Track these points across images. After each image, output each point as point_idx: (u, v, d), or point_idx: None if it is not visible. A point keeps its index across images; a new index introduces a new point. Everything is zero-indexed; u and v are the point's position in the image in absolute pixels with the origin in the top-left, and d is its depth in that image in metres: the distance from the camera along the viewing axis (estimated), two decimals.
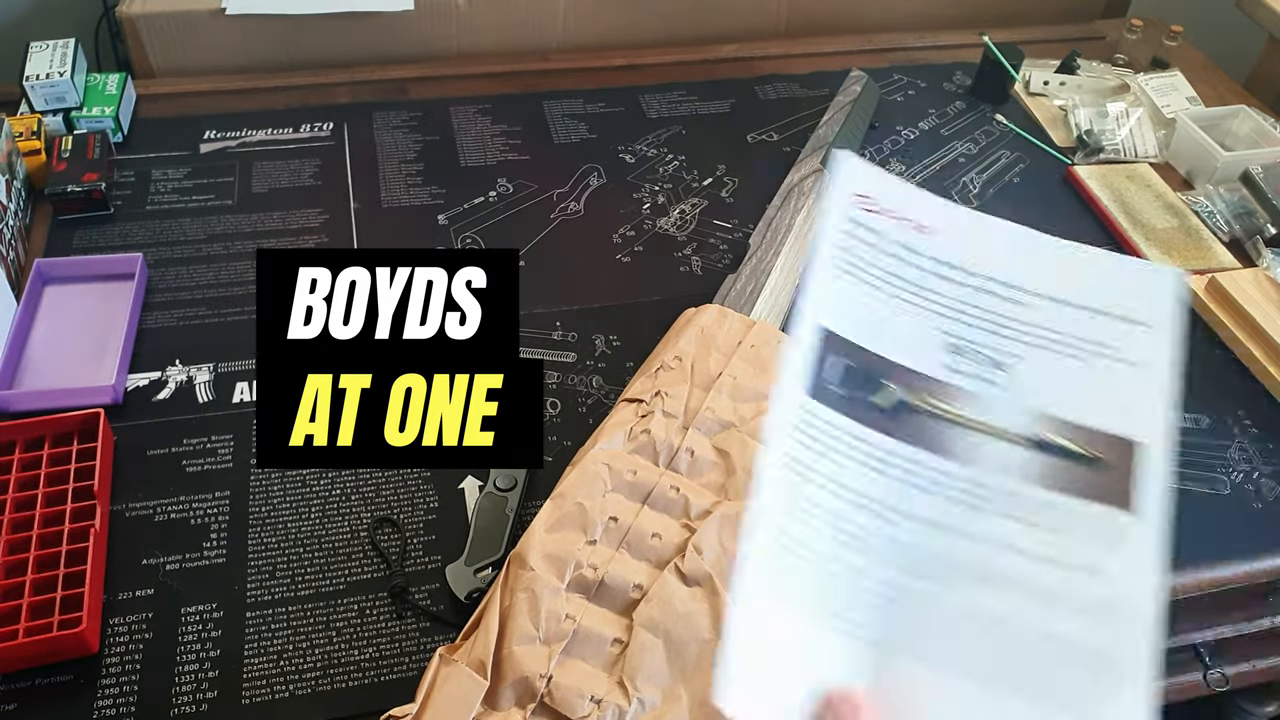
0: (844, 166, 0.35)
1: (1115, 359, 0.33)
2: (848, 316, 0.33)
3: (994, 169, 1.01)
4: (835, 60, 1.14)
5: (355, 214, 0.90)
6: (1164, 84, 1.09)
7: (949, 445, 0.31)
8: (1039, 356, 0.32)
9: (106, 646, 0.59)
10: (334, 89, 1.05)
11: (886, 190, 0.35)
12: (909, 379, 0.32)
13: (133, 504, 0.66)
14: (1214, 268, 0.88)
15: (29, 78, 0.93)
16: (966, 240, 0.34)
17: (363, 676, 0.58)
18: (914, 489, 0.30)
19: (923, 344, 0.33)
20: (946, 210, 0.35)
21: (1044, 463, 0.31)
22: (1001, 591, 0.29)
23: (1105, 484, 0.30)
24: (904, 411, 0.31)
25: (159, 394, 0.73)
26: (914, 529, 0.30)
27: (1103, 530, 0.30)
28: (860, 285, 0.33)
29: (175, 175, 0.93)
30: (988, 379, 0.32)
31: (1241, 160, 0.97)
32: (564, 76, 1.10)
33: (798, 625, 0.29)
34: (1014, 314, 0.33)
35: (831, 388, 0.32)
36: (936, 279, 0.34)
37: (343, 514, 0.66)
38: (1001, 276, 0.34)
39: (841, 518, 0.30)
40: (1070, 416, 0.31)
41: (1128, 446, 0.31)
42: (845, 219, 0.34)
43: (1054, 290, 0.34)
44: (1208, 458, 0.74)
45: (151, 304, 0.80)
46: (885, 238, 0.34)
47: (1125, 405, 0.32)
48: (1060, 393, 0.32)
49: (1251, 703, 1.09)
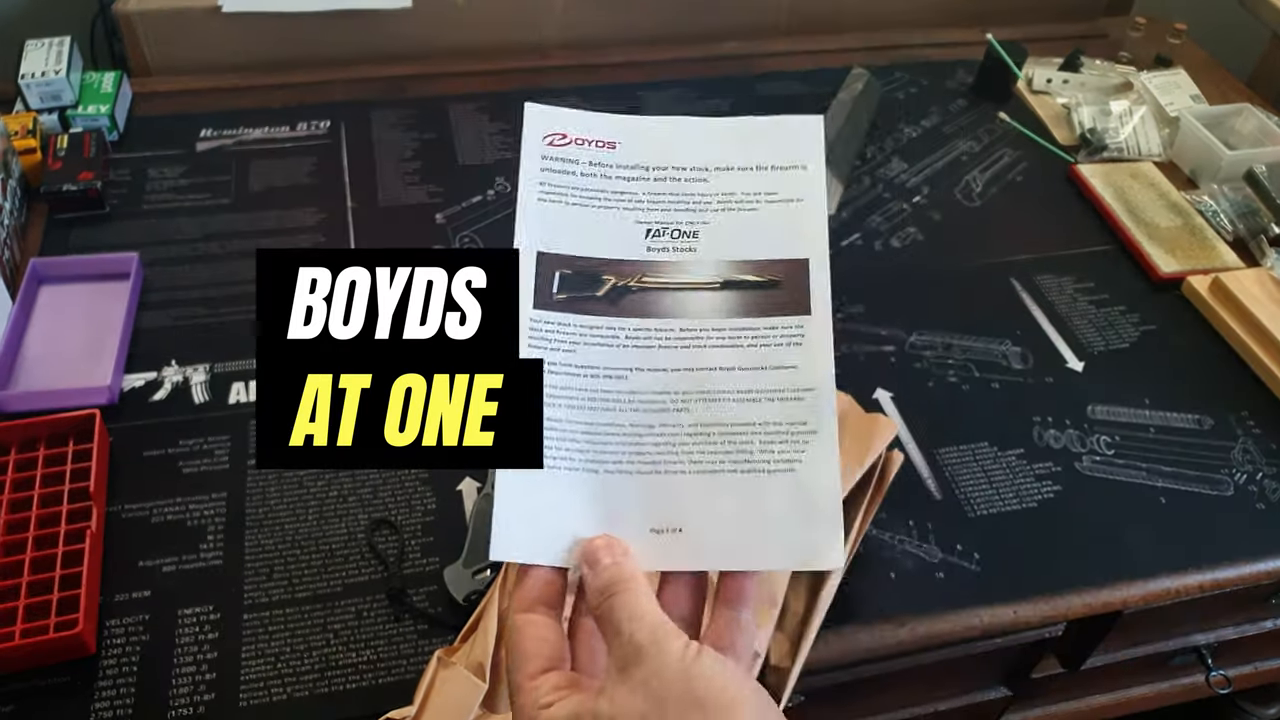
0: (533, 118, 0.41)
1: (782, 200, 0.40)
2: (557, 236, 0.39)
3: (997, 167, 1.00)
4: (837, 58, 1.13)
5: (352, 213, 0.90)
6: (1167, 82, 1.09)
7: (662, 308, 0.38)
8: (722, 218, 0.40)
9: (103, 648, 0.58)
10: (331, 87, 1.04)
11: (575, 123, 0.41)
12: (619, 268, 0.39)
13: (129, 505, 0.65)
14: (1218, 267, 0.88)
15: (24, 76, 0.92)
16: (650, 143, 0.41)
17: (360, 679, 0.58)
18: (639, 348, 0.38)
19: (626, 237, 0.39)
20: (628, 122, 0.41)
21: (737, 297, 0.39)
22: (724, 402, 0.37)
23: (786, 299, 0.39)
24: (620, 294, 0.39)
25: (155, 394, 0.73)
26: (645, 377, 0.38)
27: (790, 334, 0.38)
28: (565, 208, 0.40)
29: (171, 174, 0.92)
30: (684, 248, 0.39)
31: (1245, 159, 0.96)
32: (562, 74, 1.09)
33: (563, 479, 0.36)
34: (698, 190, 0.40)
35: (556, 296, 0.39)
36: (628, 182, 0.40)
37: (340, 515, 0.66)
38: (682, 163, 0.41)
39: (585, 389, 0.37)
40: (751, 256, 0.39)
41: (800, 265, 0.39)
42: (540, 159, 0.40)
43: (728, 161, 0.41)
44: (1211, 458, 0.74)
45: (147, 304, 0.80)
46: (579, 162, 0.41)
47: (793, 234, 0.40)
48: (742, 240, 0.39)
49: (1254, 704, 1.09)
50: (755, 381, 0.38)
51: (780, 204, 0.40)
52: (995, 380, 0.78)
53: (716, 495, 0.36)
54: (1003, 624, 0.64)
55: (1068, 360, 0.80)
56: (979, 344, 0.81)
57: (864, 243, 0.90)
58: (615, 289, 0.39)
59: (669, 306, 0.38)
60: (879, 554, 0.66)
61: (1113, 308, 0.85)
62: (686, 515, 0.36)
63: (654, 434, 0.37)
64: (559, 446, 0.37)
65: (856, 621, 0.62)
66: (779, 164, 0.41)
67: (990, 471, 0.72)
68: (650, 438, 0.37)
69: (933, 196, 0.96)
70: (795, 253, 0.39)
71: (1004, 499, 0.70)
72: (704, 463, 0.37)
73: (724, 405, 0.37)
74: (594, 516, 0.36)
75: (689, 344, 0.38)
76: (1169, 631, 0.83)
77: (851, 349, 0.80)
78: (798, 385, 0.38)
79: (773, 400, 0.37)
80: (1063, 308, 0.85)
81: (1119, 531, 0.68)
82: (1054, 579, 0.65)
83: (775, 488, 0.36)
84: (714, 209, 0.40)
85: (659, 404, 0.37)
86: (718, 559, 0.36)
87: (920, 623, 0.63)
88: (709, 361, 0.38)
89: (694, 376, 0.38)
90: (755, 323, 0.38)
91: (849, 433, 0.63)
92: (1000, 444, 0.73)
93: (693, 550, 0.36)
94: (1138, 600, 0.66)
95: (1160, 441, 0.75)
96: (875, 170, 0.99)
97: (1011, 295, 0.86)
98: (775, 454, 0.37)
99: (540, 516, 0.36)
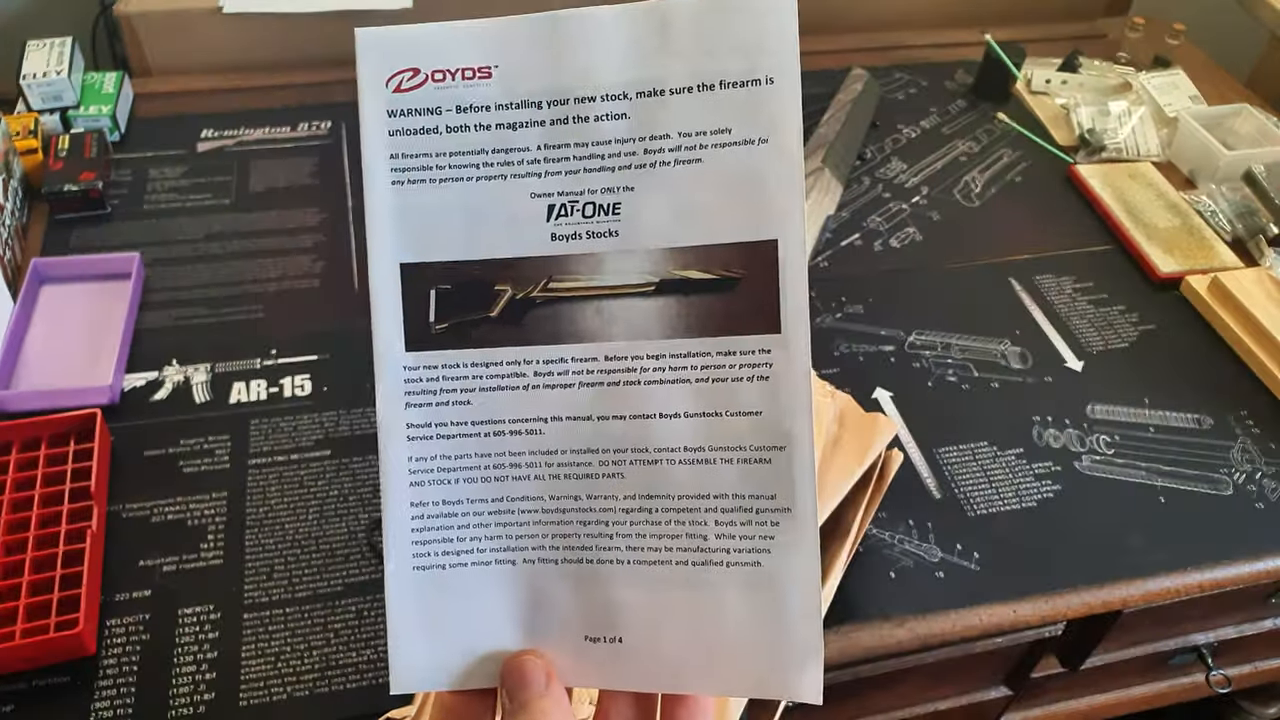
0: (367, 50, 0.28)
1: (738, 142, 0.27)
2: (426, 236, 0.28)
3: (996, 168, 1.00)
4: (836, 58, 1.13)
5: (353, 212, 0.90)
6: (1166, 82, 1.09)
7: (579, 327, 0.28)
8: (652, 178, 0.27)
9: (104, 648, 0.58)
10: (331, 87, 1.04)
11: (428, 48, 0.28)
12: (517, 271, 0.27)
13: (129, 505, 0.66)
14: (1216, 267, 0.88)
15: (26, 76, 0.92)
16: (538, 60, 0.27)
17: (360, 679, 0.58)
18: (552, 390, 0.28)
19: (522, 221, 0.28)
20: (505, 30, 0.28)
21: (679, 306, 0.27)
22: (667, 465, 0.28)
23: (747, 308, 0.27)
24: (521, 309, 0.28)
25: (156, 394, 0.73)
26: (564, 430, 0.28)
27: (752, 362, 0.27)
28: (431, 188, 0.28)
29: (172, 174, 0.92)
30: (603, 232, 0.27)
31: (1244, 159, 0.96)
32: None
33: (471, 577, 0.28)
34: (615, 133, 0.27)
35: (433, 328, 0.28)
36: (513, 131, 0.28)
37: (340, 515, 0.66)
38: (589, 90, 0.27)
39: (489, 454, 0.28)
40: (696, 239, 0.27)
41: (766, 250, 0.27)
42: (384, 115, 0.28)
43: (656, 80, 0.27)
44: (1210, 458, 0.74)
45: (148, 304, 0.80)
46: (440, 111, 0.28)
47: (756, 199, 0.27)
48: (682, 215, 0.27)
49: (1254, 704, 1.09)
50: (708, 434, 0.27)
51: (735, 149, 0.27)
52: (995, 380, 0.78)
53: (662, 595, 0.28)
54: (1002, 624, 0.64)
55: (1067, 360, 0.81)
56: (978, 344, 0.81)
57: (863, 243, 0.91)
58: (514, 303, 0.28)
59: (589, 323, 0.28)
60: (879, 554, 0.66)
61: (1112, 307, 0.85)
62: (626, 620, 0.28)
63: (581, 509, 0.28)
64: (462, 536, 0.28)
65: (856, 621, 0.62)
66: (731, 77, 0.27)
67: (990, 471, 0.72)
68: (576, 514, 0.28)
69: (932, 197, 0.96)
70: (758, 231, 0.27)
71: (1004, 498, 0.70)
72: (644, 550, 0.28)
73: (668, 470, 0.28)
74: (514, 622, 0.28)
75: (618, 380, 0.28)
76: (1169, 631, 0.83)
77: (851, 349, 0.80)
78: (763, 441, 0.27)
79: (730, 462, 0.27)
80: (1062, 307, 0.85)
81: (1119, 531, 0.68)
82: (1054, 578, 0.66)
83: (736, 589, 0.27)
84: (640, 164, 0.27)
85: (584, 467, 0.28)
86: (666, 679, 0.28)
87: (920, 622, 0.63)
88: (646, 405, 0.27)
89: (627, 428, 0.28)
90: (705, 345, 0.27)
91: (849, 432, 0.63)
92: (1000, 443, 0.74)
93: (635, 667, 0.28)
94: (1138, 600, 0.66)
95: (1159, 441, 0.75)
96: (875, 170, 0.99)
97: (1011, 295, 0.86)
98: (735, 541, 0.27)
99: (445, 629, 0.28)
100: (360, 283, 0.83)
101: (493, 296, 0.28)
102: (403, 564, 0.28)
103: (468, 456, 0.28)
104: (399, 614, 0.28)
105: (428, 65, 0.28)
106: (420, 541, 0.28)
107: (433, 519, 0.28)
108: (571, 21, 0.27)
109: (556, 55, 0.27)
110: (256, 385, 0.74)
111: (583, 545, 0.28)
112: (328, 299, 0.82)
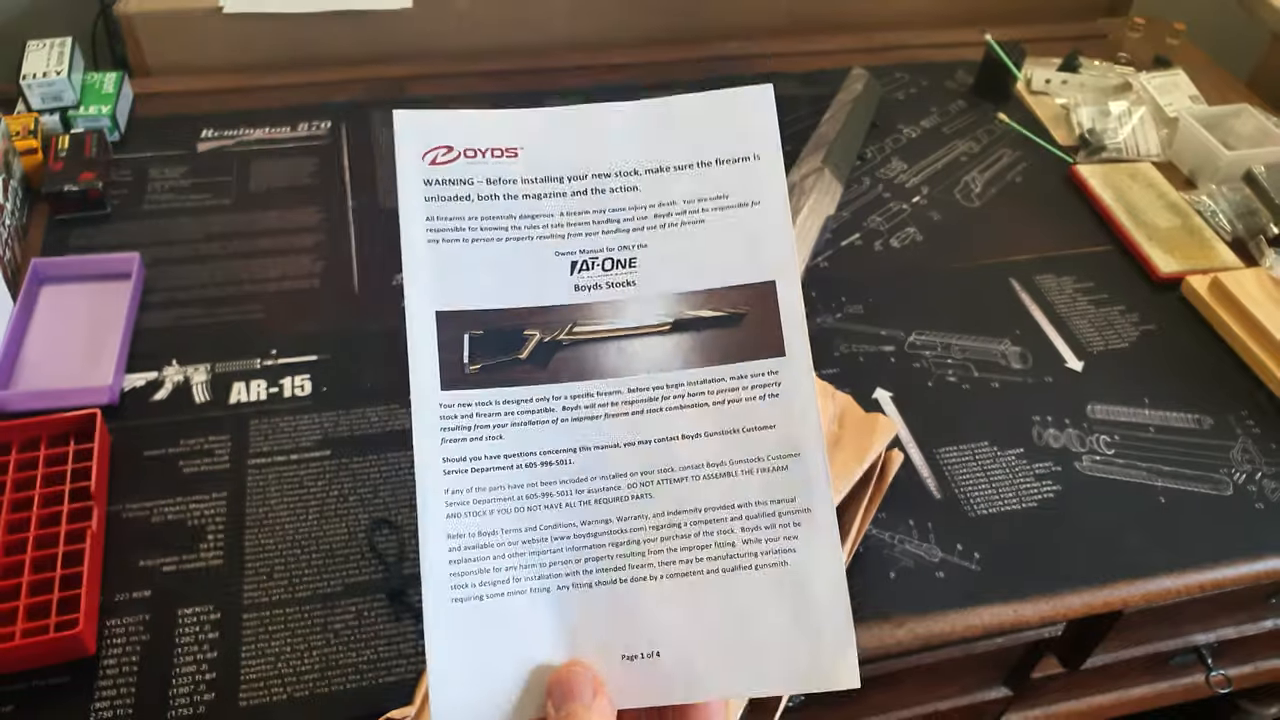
0: (405, 129, 0.32)
1: (734, 206, 0.32)
2: (460, 287, 0.31)
3: (996, 168, 1.00)
4: (836, 58, 1.13)
5: (353, 213, 0.90)
6: (1166, 82, 1.09)
7: (603, 365, 0.31)
8: (663, 237, 0.32)
9: (103, 648, 0.58)
10: (332, 87, 1.04)
11: (460, 129, 0.32)
12: (544, 317, 0.31)
13: (129, 505, 0.66)
14: (1217, 267, 0.88)
15: (25, 76, 0.92)
16: (560, 143, 0.32)
17: (360, 679, 0.58)
18: (579, 422, 0.30)
19: (547, 276, 0.31)
20: (529, 118, 0.32)
21: (693, 341, 0.31)
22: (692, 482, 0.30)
23: (754, 338, 0.31)
24: (548, 351, 0.31)
25: (156, 394, 0.73)
26: (593, 459, 0.30)
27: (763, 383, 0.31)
28: (463, 246, 0.31)
29: (172, 174, 0.92)
30: (620, 282, 0.31)
31: (1244, 159, 0.96)
32: (563, 74, 1.09)
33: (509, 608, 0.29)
34: (628, 202, 0.32)
35: (466, 369, 0.30)
36: (539, 200, 0.32)
37: (340, 515, 0.66)
38: (604, 168, 0.32)
39: (522, 485, 0.30)
40: (705, 284, 0.31)
41: (765, 290, 0.31)
42: (421, 184, 0.32)
43: (661, 159, 0.33)
44: (1210, 458, 0.74)
45: (148, 304, 0.80)
46: (473, 182, 0.32)
47: (753, 249, 0.32)
48: (691, 265, 0.32)
49: (1254, 704, 1.09)
50: (728, 450, 0.30)
51: (733, 211, 0.32)
52: (995, 380, 0.78)
53: (697, 606, 0.29)
54: (1003, 624, 0.64)
55: (1067, 360, 0.81)
56: (978, 344, 0.81)
57: (864, 243, 0.90)
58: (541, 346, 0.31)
59: (611, 362, 0.31)
60: (879, 554, 0.66)
61: (1112, 308, 0.85)
62: (664, 635, 0.29)
63: (612, 532, 0.30)
64: (498, 566, 0.29)
65: (856, 622, 0.62)
66: (725, 156, 0.33)
67: (990, 471, 0.72)
68: (608, 537, 0.30)
69: (932, 197, 0.96)
70: (758, 275, 0.32)
71: (1004, 498, 0.70)
72: (676, 564, 0.30)
73: (693, 486, 0.30)
74: (553, 648, 0.29)
75: (641, 409, 0.30)
76: (1169, 631, 0.83)
77: (851, 349, 0.80)
78: (779, 450, 0.30)
79: (751, 473, 0.30)
80: (1062, 308, 0.85)
81: (1119, 531, 0.68)
82: (1054, 579, 0.66)
83: (767, 589, 0.29)
84: (651, 226, 0.32)
85: (613, 491, 0.30)
86: (708, 688, 0.29)
87: (920, 622, 0.63)
88: (668, 429, 0.30)
89: (652, 451, 0.30)
90: (719, 372, 0.31)
91: (849, 432, 0.63)
92: (1000, 444, 0.73)
93: (676, 679, 0.29)
94: (1138, 600, 0.66)
95: (1160, 441, 0.75)
96: (875, 170, 0.99)
97: (1011, 295, 0.86)
98: (763, 545, 0.30)
99: (485, 660, 0.29)
100: (360, 283, 0.83)
101: (522, 340, 0.31)
102: (441, 597, 0.29)
103: (501, 489, 0.30)
104: (439, 648, 0.29)
105: (460, 144, 0.32)
106: (457, 574, 0.29)
107: (469, 550, 0.30)
108: (591, 114, 0.33)
109: (576, 140, 0.33)
110: (256, 385, 0.74)
111: (616, 566, 0.30)
112: (328, 299, 0.81)
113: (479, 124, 0.32)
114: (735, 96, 0.34)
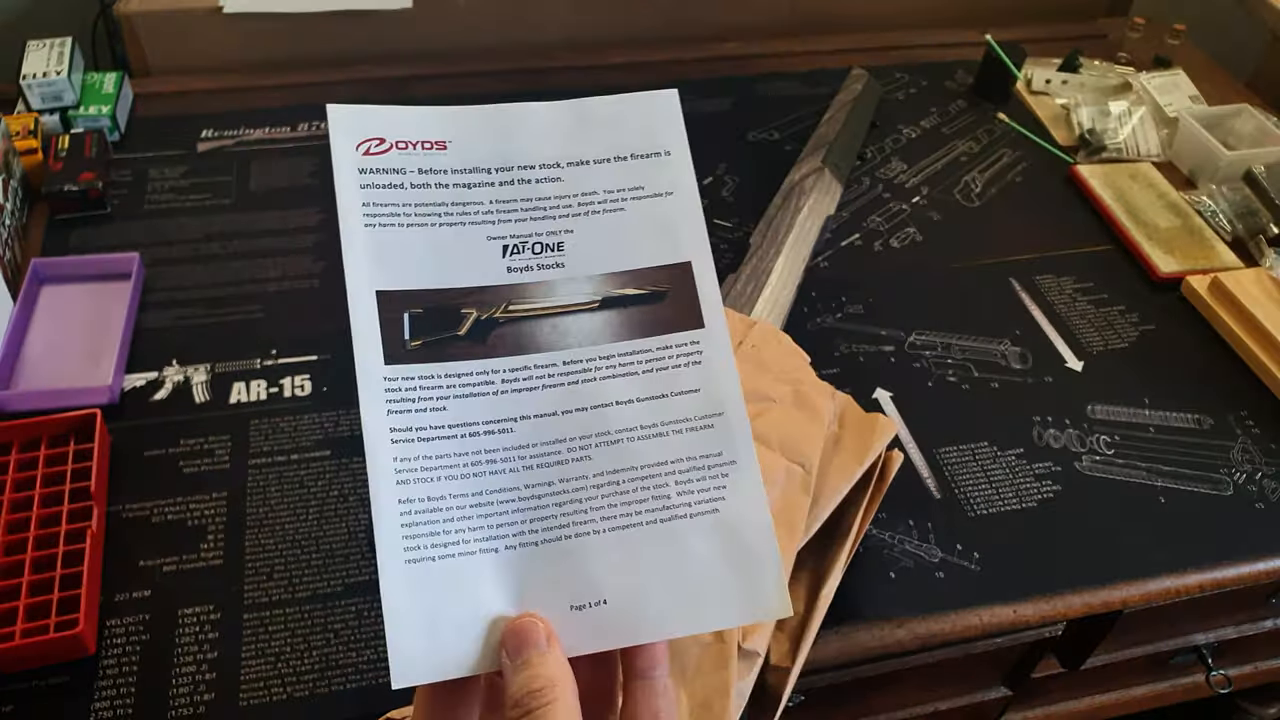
0: (339, 122, 0.34)
1: (649, 196, 0.35)
2: (398, 268, 0.33)
3: (996, 168, 1.00)
4: (836, 58, 1.13)
5: None
6: (1166, 83, 1.09)
7: (538, 340, 0.33)
8: (587, 224, 0.35)
9: (103, 648, 0.58)
10: (332, 87, 1.04)
11: (391, 123, 0.35)
12: (479, 297, 0.33)
13: (129, 505, 0.66)
14: (1217, 267, 0.88)
15: (25, 76, 0.92)
16: (485, 138, 0.35)
17: (360, 679, 0.58)
18: (519, 393, 0.32)
19: (481, 259, 0.34)
20: (455, 116, 0.35)
21: (621, 316, 0.34)
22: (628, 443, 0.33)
23: (675, 313, 0.34)
24: (486, 328, 0.33)
25: (156, 394, 0.73)
26: (533, 426, 0.32)
27: (686, 352, 0.34)
28: (400, 231, 0.34)
29: (172, 174, 0.92)
30: (550, 264, 0.34)
31: (1244, 159, 0.96)
32: (563, 74, 1.09)
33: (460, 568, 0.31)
34: (552, 192, 0.35)
35: (408, 345, 0.32)
36: (469, 190, 0.34)
37: (340, 515, 0.66)
38: (528, 160, 0.35)
39: (466, 453, 0.32)
40: (627, 265, 0.34)
41: (683, 270, 0.35)
42: (356, 172, 0.34)
43: (581, 154, 0.36)
44: (1210, 458, 0.74)
45: (148, 304, 0.80)
46: (405, 171, 0.34)
47: (669, 235, 0.35)
48: (613, 248, 0.34)
49: (1254, 704, 1.09)
50: (659, 413, 0.33)
51: (649, 200, 0.35)
52: (995, 380, 0.78)
53: (638, 554, 0.31)
54: (1002, 624, 0.64)
55: (1067, 360, 0.81)
56: (978, 344, 0.81)
57: (863, 243, 0.90)
58: (479, 323, 0.33)
59: (546, 337, 0.33)
60: (879, 554, 0.66)
61: (1112, 308, 0.85)
62: (608, 583, 0.31)
63: (555, 493, 0.32)
64: (448, 529, 0.31)
65: (856, 621, 0.62)
66: (639, 151, 0.36)
67: (990, 471, 0.72)
68: (552, 498, 0.32)
69: (932, 197, 0.96)
70: (675, 256, 0.35)
71: (1004, 498, 0.70)
72: (617, 518, 0.32)
73: (629, 446, 0.32)
74: (503, 605, 0.31)
75: (577, 379, 0.33)
76: (1169, 631, 0.83)
77: (851, 349, 0.80)
78: (704, 411, 0.33)
79: (680, 432, 0.33)
80: (1062, 308, 0.85)
81: (1119, 531, 0.68)
82: (1054, 578, 0.66)
83: (701, 534, 0.32)
84: (575, 213, 0.35)
85: (555, 456, 0.32)
86: (653, 629, 0.31)
87: (920, 622, 0.63)
88: (603, 396, 0.33)
89: (589, 417, 0.32)
90: (646, 344, 0.34)
91: (849, 432, 0.63)
92: (1000, 444, 0.73)
93: (622, 624, 0.31)
94: (1138, 600, 0.66)
95: (1159, 441, 0.75)
96: (875, 170, 0.99)
97: (1011, 295, 0.86)
98: (694, 495, 0.32)
99: (439, 619, 0.30)
100: None
101: (460, 318, 0.33)
102: (394, 559, 0.30)
103: (447, 456, 0.32)
104: (394, 608, 0.30)
105: (391, 136, 0.34)
106: (410, 536, 0.31)
107: (420, 514, 0.31)
108: (513, 113, 0.36)
109: (501, 136, 0.35)
110: (256, 385, 0.74)
111: (560, 524, 0.32)
112: (328, 299, 0.81)
113: (408, 119, 0.35)
114: (646, 99, 0.37)
